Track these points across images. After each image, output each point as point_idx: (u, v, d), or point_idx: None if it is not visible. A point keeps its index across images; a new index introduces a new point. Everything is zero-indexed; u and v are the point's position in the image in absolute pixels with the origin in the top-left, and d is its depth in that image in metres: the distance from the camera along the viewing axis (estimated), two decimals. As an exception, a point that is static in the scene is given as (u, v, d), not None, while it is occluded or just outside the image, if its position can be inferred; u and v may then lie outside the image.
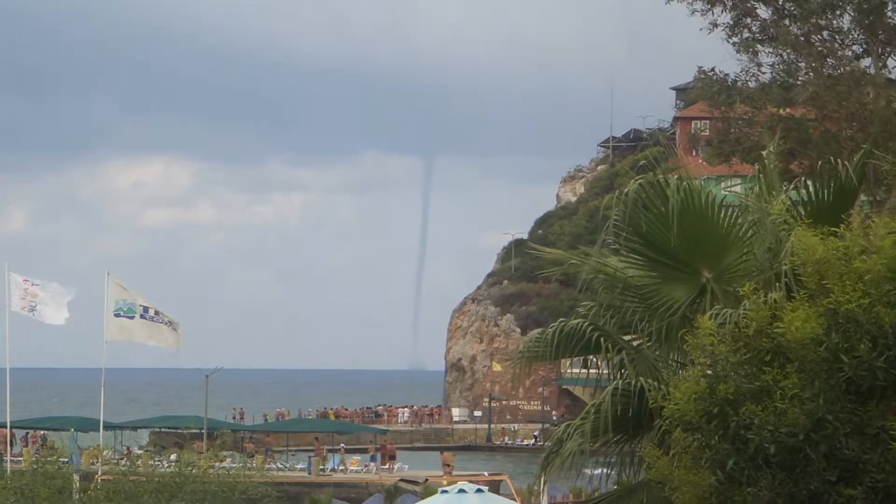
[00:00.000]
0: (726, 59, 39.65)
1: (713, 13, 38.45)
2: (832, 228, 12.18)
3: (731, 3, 38.33)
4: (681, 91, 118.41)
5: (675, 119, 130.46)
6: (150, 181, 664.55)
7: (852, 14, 37.31)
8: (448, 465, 69.17)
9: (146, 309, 47.44)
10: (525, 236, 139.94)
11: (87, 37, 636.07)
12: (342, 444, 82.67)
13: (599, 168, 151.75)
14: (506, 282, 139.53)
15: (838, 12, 37.51)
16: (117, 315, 47.30)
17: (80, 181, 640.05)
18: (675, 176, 14.04)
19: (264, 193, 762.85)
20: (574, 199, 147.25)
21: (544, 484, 16.51)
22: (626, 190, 14.07)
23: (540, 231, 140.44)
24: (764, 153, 15.19)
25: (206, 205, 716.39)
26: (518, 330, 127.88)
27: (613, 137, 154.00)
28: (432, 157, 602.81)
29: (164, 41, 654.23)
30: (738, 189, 17.92)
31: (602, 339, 14.44)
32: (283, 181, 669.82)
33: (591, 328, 14.48)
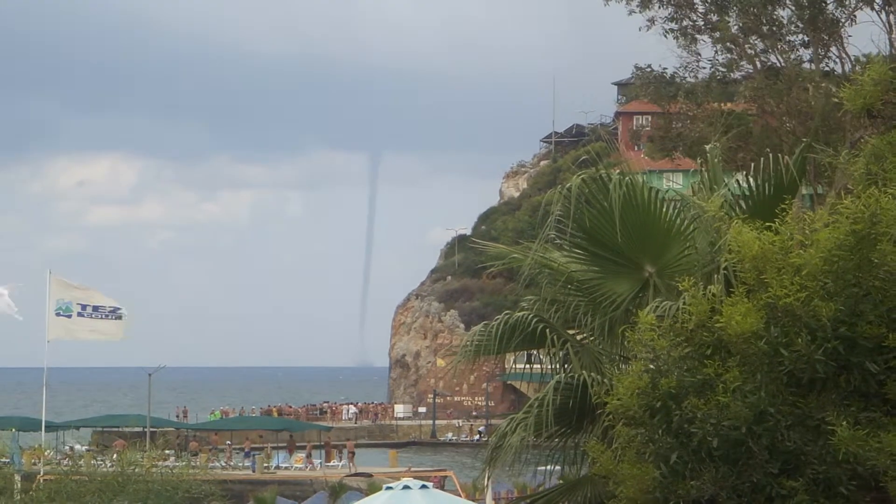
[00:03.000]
0: (666, 56, 39.86)
1: (650, 10, 38.53)
2: (768, 223, 12.24)
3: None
4: (622, 86, 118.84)
5: (617, 114, 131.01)
6: (97, 179, 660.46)
7: (792, 8, 37.55)
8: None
9: (84, 307, 47.08)
10: (469, 232, 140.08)
11: (32, 34, 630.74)
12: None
13: (542, 164, 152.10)
14: (449, 277, 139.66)
15: (778, 6, 37.72)
16: (58, 314, 46.96)
17: (25, 179, 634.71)
18: (617, 171, 14.08)
19: (212, 191, 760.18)
20: (517, 194, 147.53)
21: (489, 479, 16.52)
22: (568, 185, 14.09)
23: (483, 227, 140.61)
24: (708, 147, 15.26)
25: (153, 203, 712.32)
26: (462, 326, 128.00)
27: (556, 133, 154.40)
28: (378, 152, 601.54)
29: (111, 39, 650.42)
30: (680, 184, 18.02)
31: (547, 331, 14.45)
32: (232, 178, 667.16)
33: (535, 320, 14.49)
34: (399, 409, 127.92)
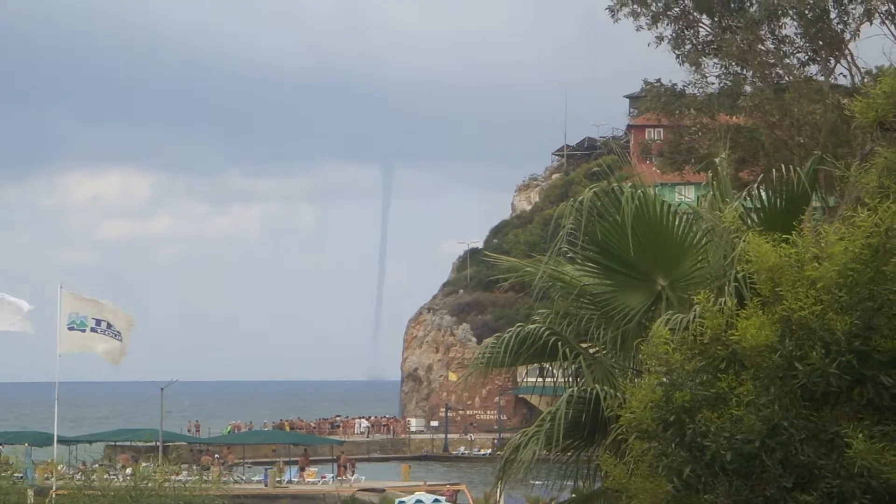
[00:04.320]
0: (675, 71, 39.91)
1: (657, 27, 38.71)
2: (784, 235, 12.23)
3: (673, 16, 38.55)
4: (634, 99, 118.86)
5: (629, 127, 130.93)
6: (109, 193, 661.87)
7: (796, 23, 37.58)
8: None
9: (98, 322, 47.10)
10: (481, 245, 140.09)
11: (45, 47, 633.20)
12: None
13: (554, 177, 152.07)
14: (461, 291, 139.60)
15: (781, 22, 37.76)
16: (70, 328, 46.97)
17: (39, 193, 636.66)
18: (629, 184, 14.07)
19: (224, 204, 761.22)
20: (529, 207, 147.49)
21: (501, 492, 16.51)
22: (580, 198, 14.09)
23: (495, 240, 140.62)
24: (717, 160, 15.25)
25: (164, 216, 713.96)
26: (474, 339, 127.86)
27: (567, 146, 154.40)
28: (391, 165, 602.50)
29: (124, 52, 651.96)
30: (691, 197, 18.01)
31: (559, 343, 14.43)
32: (243, 191, 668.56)
33: (548, 332, 14.47)
34: (412, 423, 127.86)
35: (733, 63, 38.34)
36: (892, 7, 36.28)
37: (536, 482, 14.35)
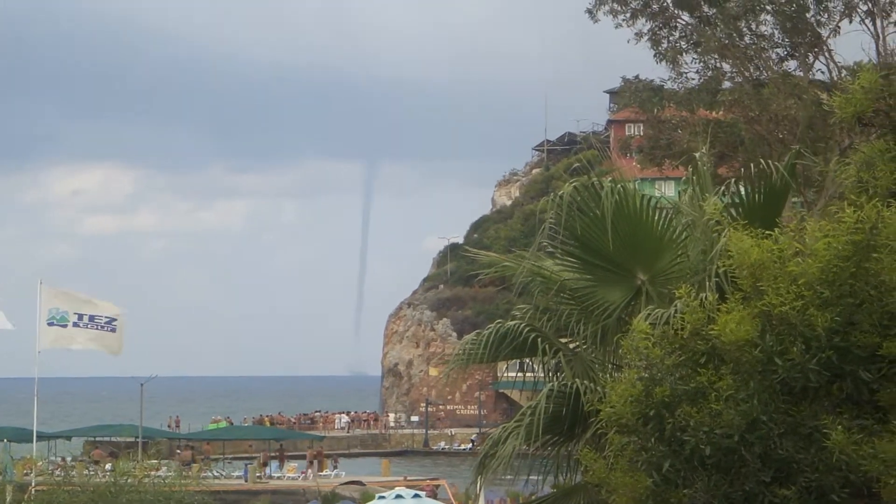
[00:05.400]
0: (654, 67, 39.93)
1: (636, 24, 38.72)
2: (766, 231, 12.25)
3: (651, 13, 38.57)
4: (614, 94, 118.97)
5: (609, 122, 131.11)
6: (91, 188, 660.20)
7: (774, 18, 37.63)
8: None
9: (80, 316, 46.92)
10: (461, 241, 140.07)
11: (29, 43, 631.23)
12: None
13: (534, 172, 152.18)
14: (442, 286, 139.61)
15: (760, 17, 37.80)
16: (50, 324, 46.79)
17: (22, 188, 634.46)
18: (610, 179, 14.08)
19: (207, 200, 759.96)
20: (509, 202, 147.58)
21: (481, 487, 16.50)
22: (560, 193, 14.09)
23: (476, 235, 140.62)
24: (697, 155, 15.27)
25: (148, 212, 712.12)
26: (454, 334, 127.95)
27: (548, 141, 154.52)
28: (374, 161, 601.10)
29: (108, 48, 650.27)
30: (671, 192, 18.02)
31: (539, 339, 14.44)
32: (226, 187, 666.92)
33: (527, 329, 14.48)
34: (391, 418, 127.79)
35: (713, 58, 38.39)
36: (871, 6, 36.37)
37: (517, 477, 14.35)
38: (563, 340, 14.71)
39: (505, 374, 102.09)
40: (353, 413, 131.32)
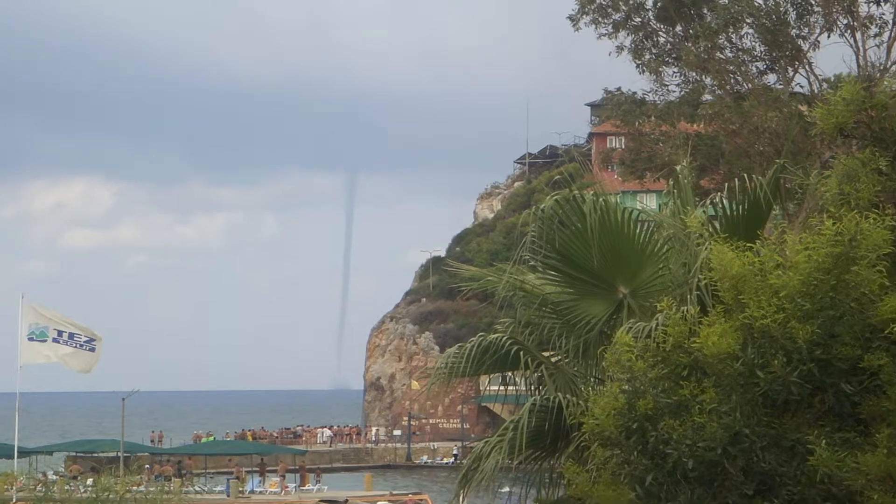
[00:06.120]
0: (636, 80, 40.01)
1: (617, 37, 38.80)
2: (747, 244, 12.26)
3: (633, 26, 38.66)
4: (596, 107, 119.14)
5: (591, 135, 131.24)
6: (71, 202, 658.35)
7: (754, 32, 37.74)
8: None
9: (60, 332, 46.80)
10: (443, 254, 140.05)
11: (8, 57, 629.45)
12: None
13: (516, 185, 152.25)
14: (424, 300, 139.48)
15: (743, 32, 37.91)
16: (31, 339, 46.68)
17: (1, 202, 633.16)
18: (591, 192, 14.07)
19: (187, 214, 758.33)
20: (491, 215, 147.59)
21: (463, 501, 16.47)
22: (542, 206, 14.07)
23: (458, 248, 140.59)
24: (678, 168, 15.27)
25: (128, 226, 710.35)
26: (437, 348, 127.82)
27: (530, 154, 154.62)
28: (355, 173, 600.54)
29: (86, 62, 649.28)
30: (653, 205, 18.04)
31: (521, 353, 14.42)
32: (206, 200, 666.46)
33: (510, 342, 14.46)
34: (373, 432, 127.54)
35: (693, 71, 38.49)
36: (851, 20, 36.49)
37: (500, 491, 14.33)
38: (546, 354, 14.69)
39: (488, 388, 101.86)
40: (335, 427, 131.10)
